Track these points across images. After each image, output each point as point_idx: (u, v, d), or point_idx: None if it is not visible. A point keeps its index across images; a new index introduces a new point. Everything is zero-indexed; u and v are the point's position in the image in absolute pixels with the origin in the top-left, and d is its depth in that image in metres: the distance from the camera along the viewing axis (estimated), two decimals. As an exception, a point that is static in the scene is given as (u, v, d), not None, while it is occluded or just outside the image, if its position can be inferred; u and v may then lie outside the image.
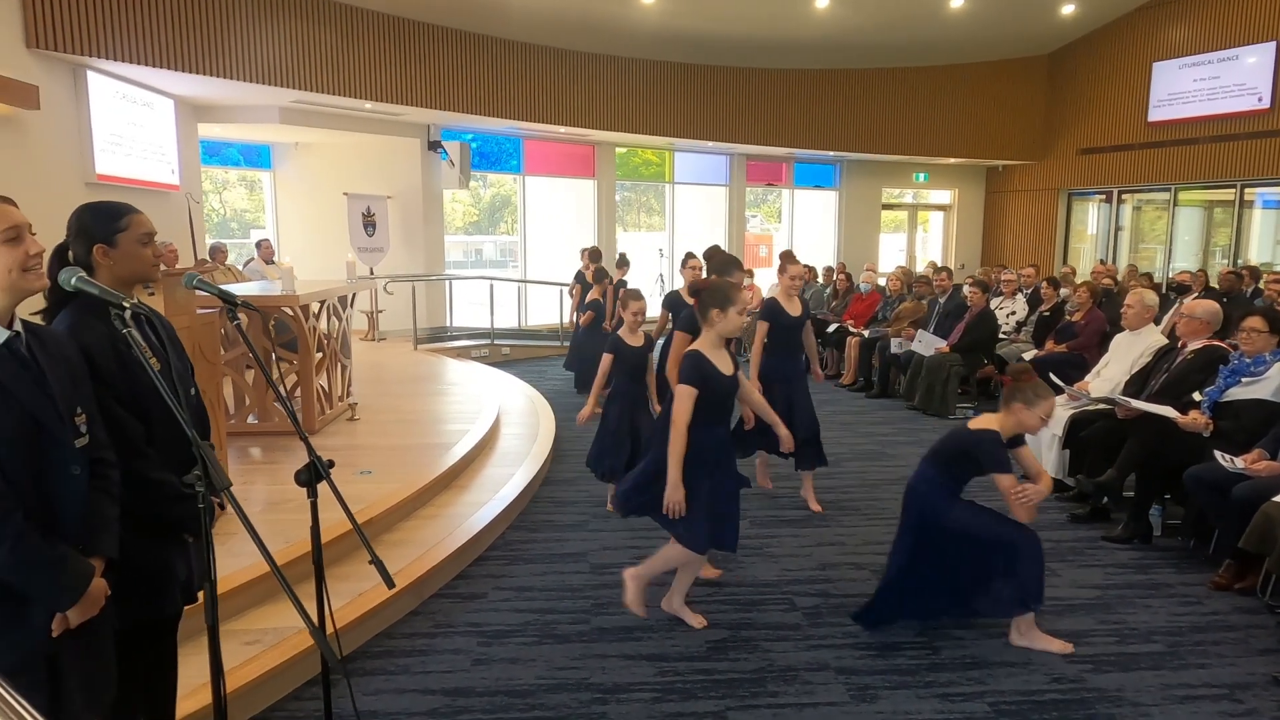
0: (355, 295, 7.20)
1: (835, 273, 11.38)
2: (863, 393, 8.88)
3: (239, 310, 2.21)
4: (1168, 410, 4.41)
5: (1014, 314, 8.75)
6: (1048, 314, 8.20)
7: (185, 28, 8.00)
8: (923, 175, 16.46)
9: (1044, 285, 8.53)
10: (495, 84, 11.21)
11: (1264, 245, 12.67)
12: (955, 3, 11.77)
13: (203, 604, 2.06)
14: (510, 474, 5.42)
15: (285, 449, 5.42)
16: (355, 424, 6.27)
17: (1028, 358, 7.77)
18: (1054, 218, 15.42)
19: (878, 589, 3.58)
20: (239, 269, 9.61)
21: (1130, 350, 5.41)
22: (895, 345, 8.60)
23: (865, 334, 9.36)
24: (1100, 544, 4.55)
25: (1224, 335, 5.10)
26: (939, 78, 14.44)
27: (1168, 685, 3.13)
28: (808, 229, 16.16)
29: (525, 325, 12.82)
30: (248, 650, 3.07)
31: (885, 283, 10.22)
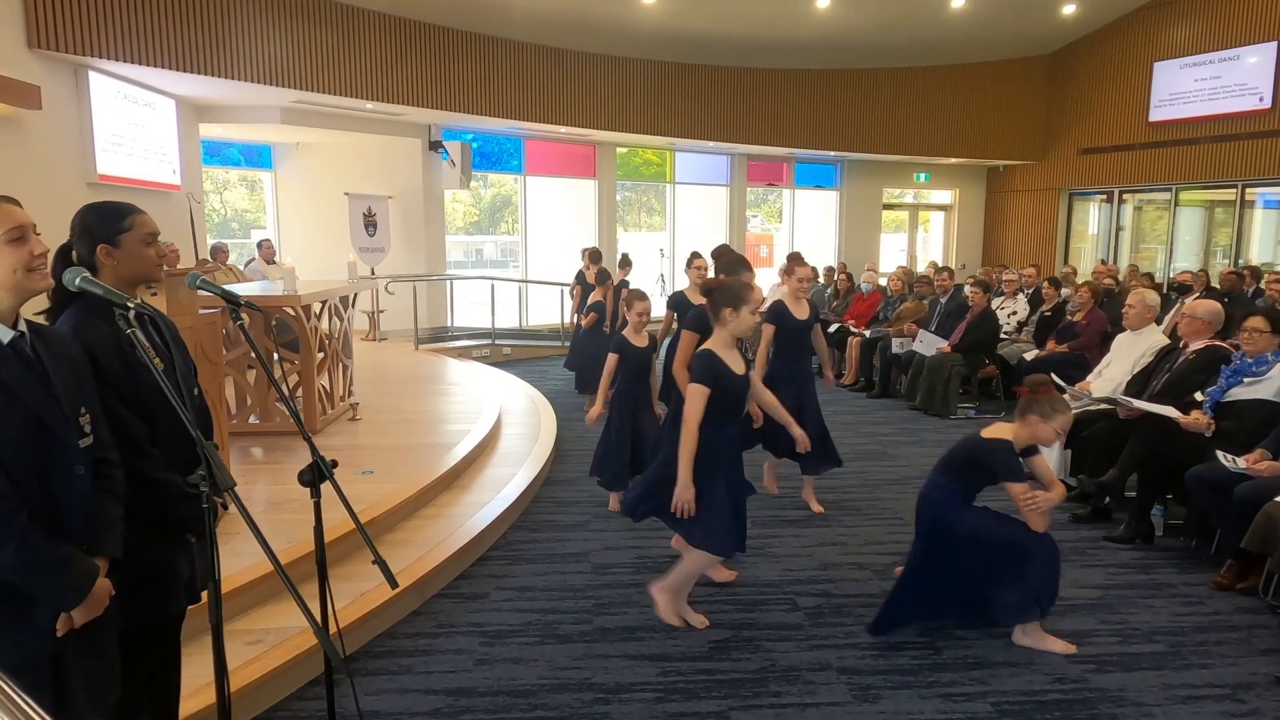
0: (356, 295, 7.20)
1: (836, 273, 11.38)
2: (864, 393, 8.88)
3: (242, 310, 2.21)
4: (1169, 410, 4.41)
5: (1015, 314, 8.75)
6: (1049, 314, 8.20)
7: (186, 28, 8.00)
8: (924, 175, 16.46)
9: (1045, 285, 8.54)
10: (496, 84, 11.21)
11: (1265, 245, 12.67)
12: (956, 3, 11.77)
13: (205, 604, 2.07)
14: (512, 474, 5.42)
15: (287, 449, 5.43)
16: (357, 424, 6.27)
17: (1029, 358, 7.78)
18: (1055, 218, 15.42)
19: (890, 593, 3.58)
20: (240, 269, 9.61)
21: (1132, 350, 5.41)
22: (896, 345, 8.60)
23: (866, 334, 9.36)
24: (1102, 544, 4.55)
25: (1225, 335, 5.10)
26: (940, 78, 14.44)
27: (1170, 685, 3.13)
28: (808, 229, 16.16)
29: (526, 325, 12.83)
30: (250, 650, 3.08)
31: (886, 283, 10.23)
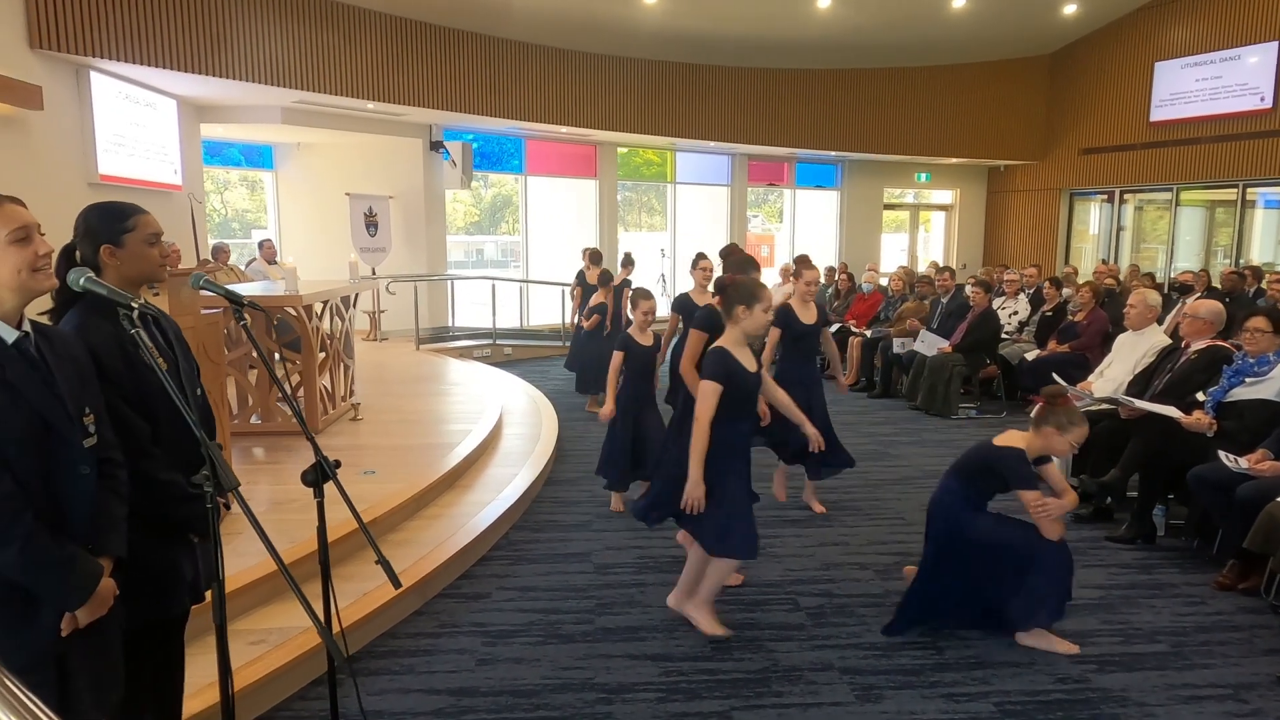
0: (358, 295, 7.20)
1: (837, 273, 11.38)
2: (865, 393, 8.88)
3: (245, 311, 2.21)
4: (1171, 410, 4.41)
5: (1016, 314, 8.74)
6: (1050, 314, 8.21)
7: (188, 28, 8.00)
8: (924, 175, 16.46)
9: (1046, 285, 8.54)
10: (497, 84, 11.21)
11: (1266, 245, 12.66)
12: (957, 2, 11.77)
13: (208, 604, 2.07)
14: (513, 474, 5.42)
15: (288, 449, 5.43)
16: (358, 424, 6.27)
17: (1030, 358, 7.78)
18: (1056, 218, 15.42)
19: (905, 596, 3.58)
20: (241, 269, 9.61)
21: (1133, 350, 5.41)
22: (898, 345, 8.60)
23: (868, 334, 9.36)
24: (1104, 544, 4.55)
25: (1227, 335, 5.10)
26: (941, 78, 14.44)
27: (1172, 685, 3.13)
28: (809, 229, 16.16)
29: (527, 325, 12.83)
30: (253, 650, 3.08)
31: (887, 283, 10.23)
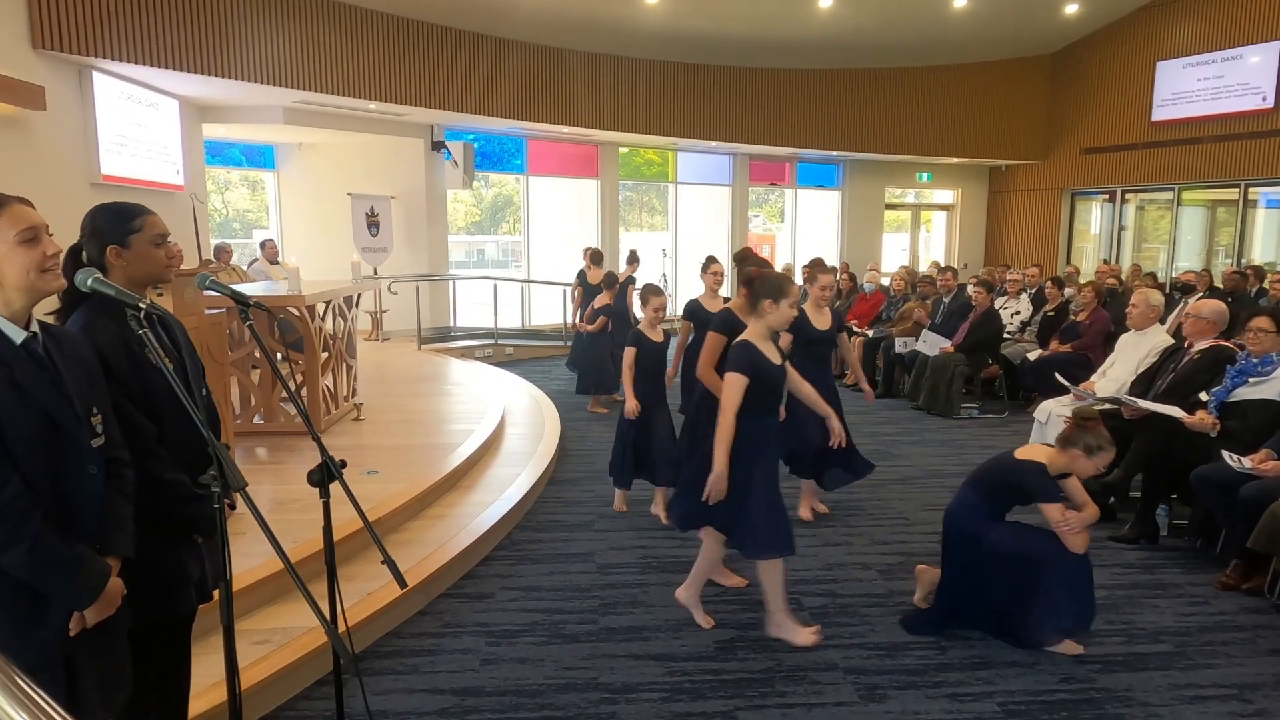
0: (360, 295, 7.20)
1: (839, 273, 11.37)
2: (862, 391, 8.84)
3: (251, 311, 2.21)
4: (1174, 410, 4.41)
5: (1018, 314, 8.74)
6: (1052, 314, 8.20)
7: (190, 28, 8.01)
8: (926, 175, 16.45)
9: (1048, 285, 8.54)
10: (499, 84, 11.21)
11: (1268, 245, 12.66)
12: (958, 2, 11.77)
13: (213, 604, 2.07)
14: (516, 474, 5.42)
15: (291, 449, 5.43)
16: (361, 424, 6.28)
17: (1032, 358, 7.78)
18: (1057, 217, 15.42)
19: (930, 608, 3.59)
20: (243, 269, 9.61)
21: (1136, 350, 5.42)
22: (899, 345, 8.60)
23: (869, 334, 9.36)
24: (1107, 544, 4.54)
25: (1230, 335, 5.10)
26: (942, 77, 14.43)
27: (1176, 685, 3.13)
28: (810, 229, 16.16)
29: (529, 325, 12.84)
30: (257, 650, 3.08)
31: (889, 283, 10.22)
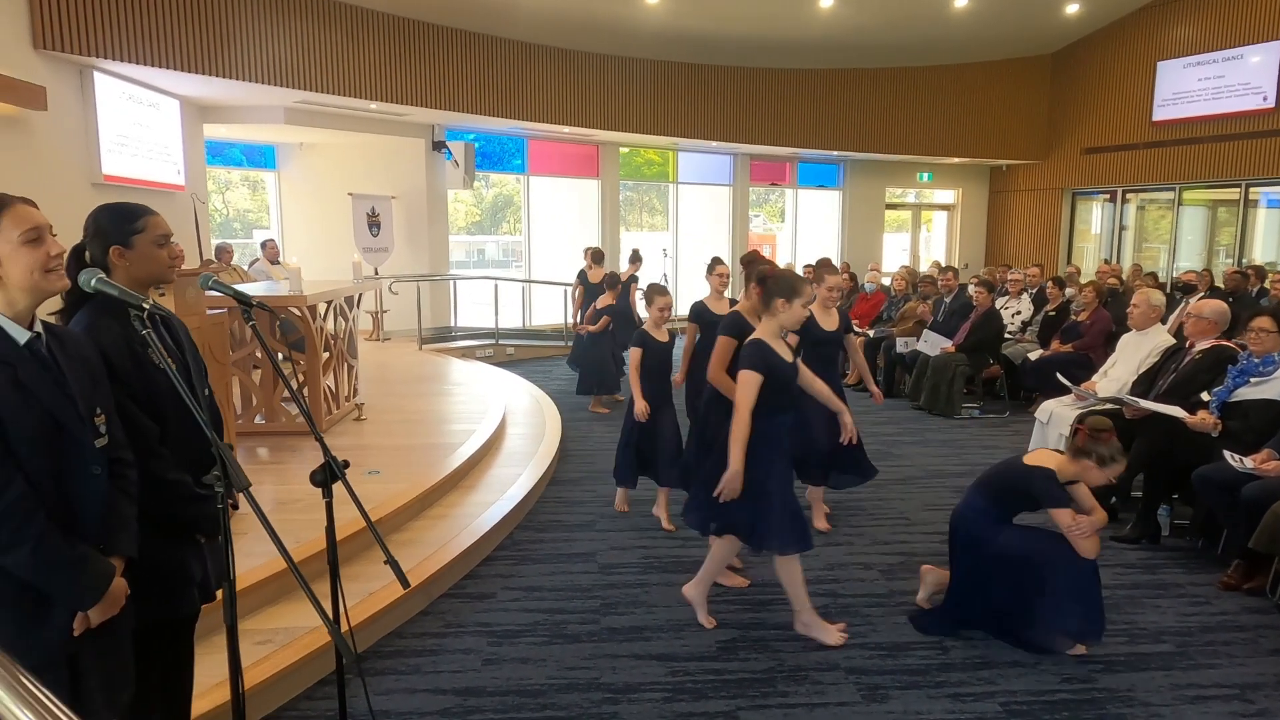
0: (361, 295, 7.20)
1: (840, 272, 11.37)
2: (867, 392, 8.84)
3: (254, 311, 2.21)
4: (1176, 410, 4.41)
5: (1019, 314, 8.74)
6: (1053, 314, 8.21)
7: (191, 28, 8.01)
8: (926, 175, 16.45)
9: (1049, 285, 8.54)
10: (500, 84, 11.22)
11: (1268, 245, 12.65)
12: (959, 2, 11.77)
13: (215, 604, 2.07)
14: (517, 474, 5.42)
15: (292, 449, 5.43)
16: (362, 424, 6.28)
17: (1033, 358, 7.78)
18: (1058, 217, 15.41)
19: (940, 609, 3.59)
20: (244, 269, 9.62)
21: (1137, 350, 5.42)
22: (900, 345, 8.60)
23: (870, 334, 9.36)
24: (1109, 544, 4.53)
25: (1231, 335, 5.10)
26: (943, 77, 14.43)
27: (1178, 685, 3.13)
28: (811, 229, 16.16)
29: (530, 325, 12.84)
30: (259, 650, 3.08)
31: (890, 282, 10.22)
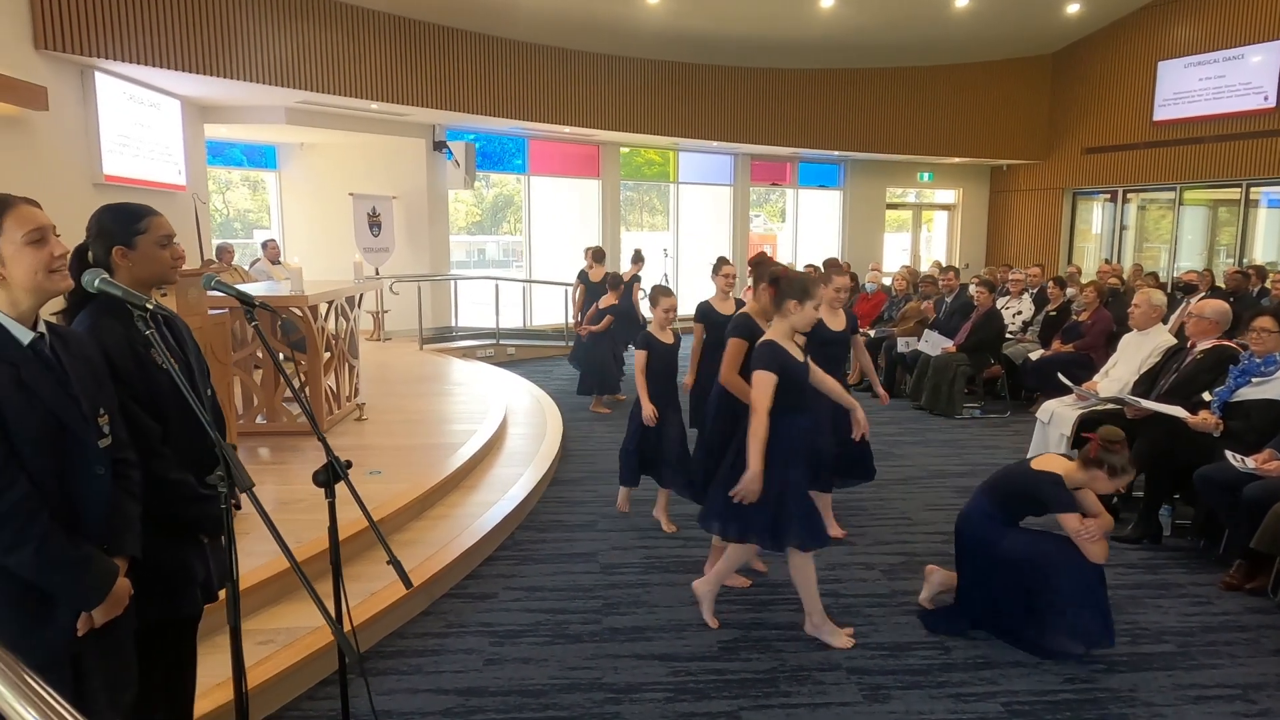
0: (362, 295, 7.20)
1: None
2: (868, 392, 8.84)
3: (256, 311, 2.22)
4: (1177, 410, 4.41)
5: (1020, 314, 8.74)
6: (1054, 314, 8.21)
7: (192, 29, 8.01)
8: (927, 175, 16.45)
9: (1050, 285, 8.54)
10: (501, 84, 11.22)
11: (1269, 244, 12.65)
12: (959, 2, 11.76)
13: (218, 604, 2.08)
14: (518, 474, 5.42)
15: (293, 449, 5.44)
16: (363, 424, 6.28)
17: (1034, 358, 7.78)
18: (1058, 217, 15.41)
19: (950, 608, 3.60)
20: (245, 269, 9.62)
21: (1139, 350, 5.41)
22: (901, 345, 8.60)
23: (871, 334, 9.35)
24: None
25: (1232, 335, 5.10)
26: (943, 77, 14.43)
27: (1180, 685, 3.13)
28: (812, 228, 16.16)
29: (530, 325, 12.84)
30: (261, 650, 3.08)
31: (890, 282, 10.22)
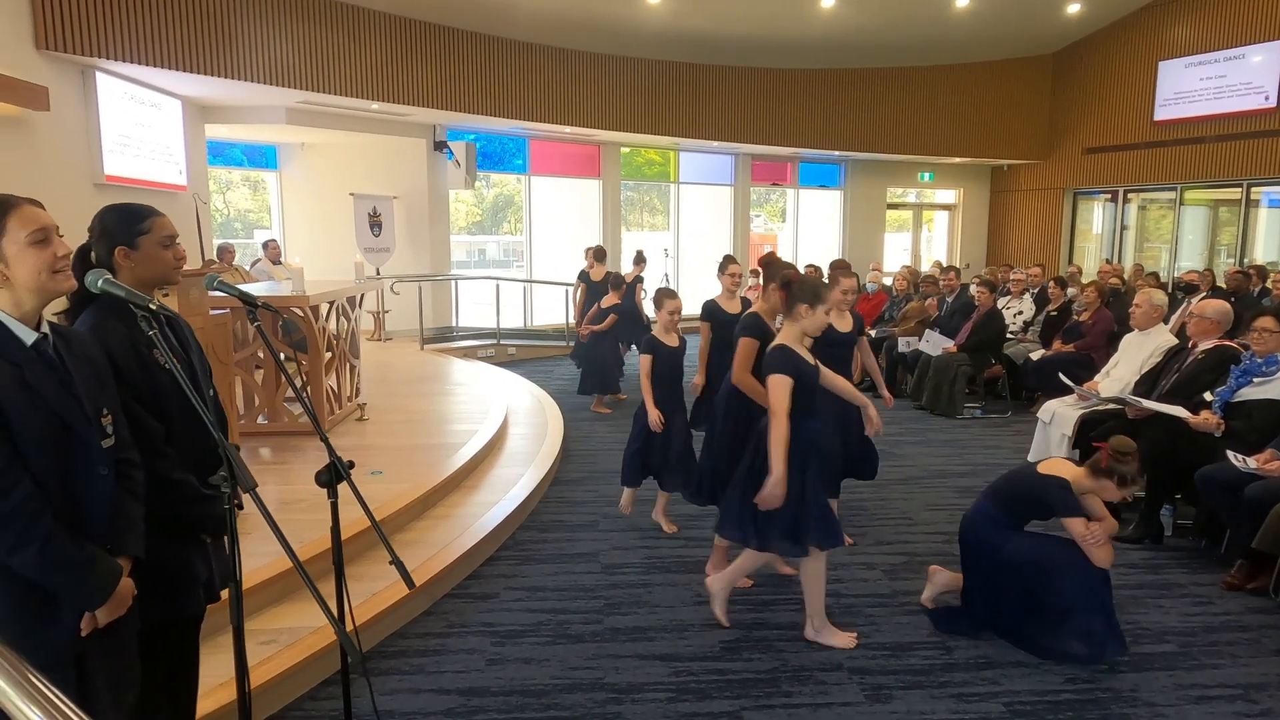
0: (363, 295, 7.20)
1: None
2: (869, 392, 8.84)
3: (259, 312, 2.22)
4: (1179, 410, 4.41)
5: (1021, 314, 8.74)
6: (1055, 314, 8.21)
7: (193, 29, 8.01)
8: (928, 175, 16.45)
9: (1051, 285, 8.54)
10: (501, 84, 11.22)
11: (1270, 244, 12.65)
12: (960, 2, 11.76)
13: (221, 604, 2.08)
14: (520, 474, 5.43)
15: (295, 449, 5.44)
16: (364, 424, 6.28)
17: (1035, 358, 7.78)
18: (1059, 217, 15.41)
19: (957, 610, 3.60)
20: (246, 269, 9.62)
21: (1140, 350, 5.42)
22: (902, 345, 8.60)
23: (872, 334, 9.35)
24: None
25: (1233, 335, 5.10)
26: (944, 77, 14.43)
27: (1181, 686, 3.13)
28: (812, 228, 16.15)
29: (531, 325, 12.84)
30: (264, 650, 3.08)
31: (891, 282, 10.22)
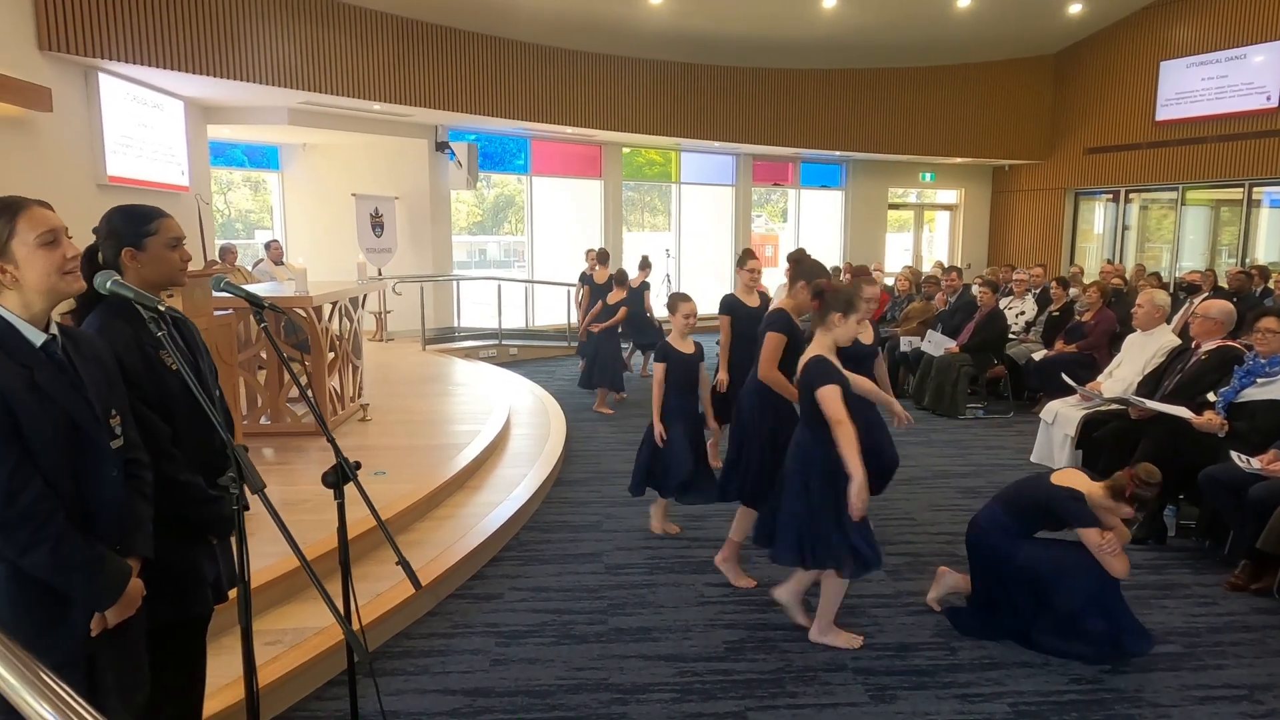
0: (366, 296, 7.21)
1: (842, 273, 11.37)
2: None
3: (265, 312, 2.22)
4: (1182, 411, 4.41)
5: (1023, 314, 8.74)
6: (1057, 314, 8.20)
7: (195, 30, 8.02)
8: (929, 175, 16.45)
9: (1053, 285, 8.54)
10: (503, 85, 11.22)
11: (1271, 244, 12.64)
12: (962, 2, 11.76)
13: (229, 604, 2.08)
14: (523, 474, 5.43)
15: (297, 449, 5.44)
16: (367, 425, 6.28)
17: (1037, 358, 7.78)
18: (1060, 217, 15.40)
19: (966, 611, 3.60)
20: (248, 270, 9.63)
21: (1143, 351, 5.42)
22: (904, 345, 8.60)
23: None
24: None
25: (1235, 335, 5.10)
26: (945, 77, 14.43)
27: (1186, 686, 3.13)
28: (813, 229, 16.15)
29: (533, 325, 12.84)
30: (269, 650, 3.09)
31: (893, 283, 10.22)
